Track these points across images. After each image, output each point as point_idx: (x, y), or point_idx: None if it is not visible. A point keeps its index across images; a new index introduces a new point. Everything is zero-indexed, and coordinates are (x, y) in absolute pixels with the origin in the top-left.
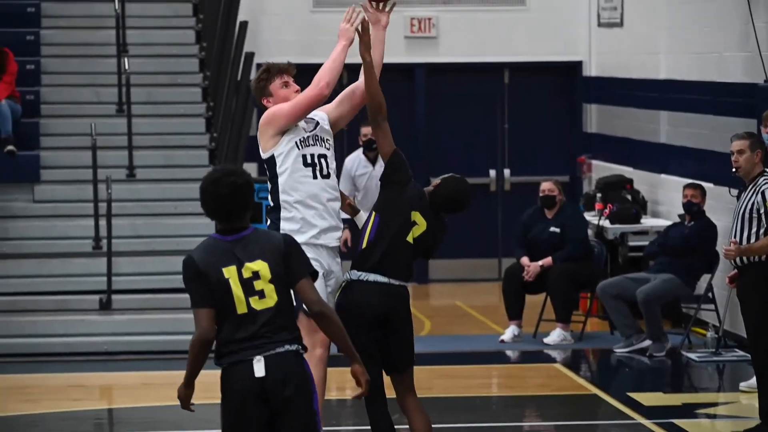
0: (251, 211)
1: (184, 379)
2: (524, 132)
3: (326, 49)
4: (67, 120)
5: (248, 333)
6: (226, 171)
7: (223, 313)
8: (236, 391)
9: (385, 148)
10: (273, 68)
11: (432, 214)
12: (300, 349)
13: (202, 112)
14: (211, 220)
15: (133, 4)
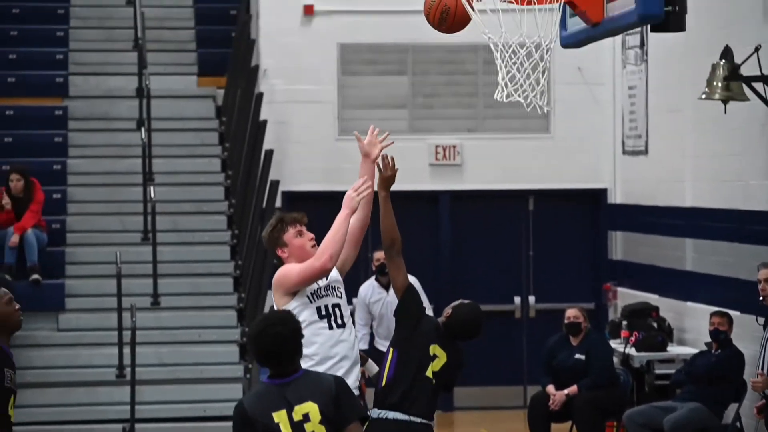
0: (301, 354)
1: None
2: (549, 259)
3: (351, 176)
4: (93, 248)
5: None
6: (270, 321)
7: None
8: None
9: (399, 283)
10: (286, 218)
11: (450, 343)
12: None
13: (227, 240)
14: (261, 366)
15: (159, 133)
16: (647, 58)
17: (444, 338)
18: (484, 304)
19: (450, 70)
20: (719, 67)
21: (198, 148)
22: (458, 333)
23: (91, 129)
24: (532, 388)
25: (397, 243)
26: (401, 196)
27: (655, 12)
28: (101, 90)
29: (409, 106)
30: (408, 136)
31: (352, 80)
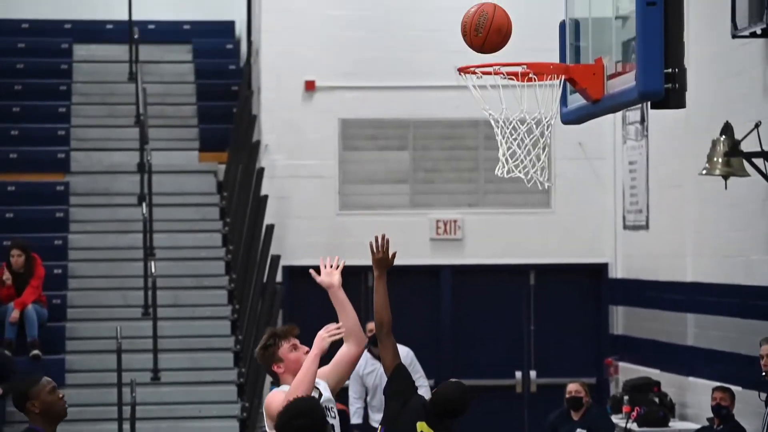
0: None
1: None
2: (550, 333)
3: (353, 251)
4: (94, 323)
5: None
6: (294, 412)
7: None
8: None
9: (388, 362)
10: (279, 333)
11: (439, 421)
12: None
13: (227, 315)
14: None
15: (161, 208)
16: (648, 133)
17: (432, 416)
18: (486, 379)
19: (451, 145)
20: (720, 143)
21: (199, 223)
22: (444, 411)
23: (92, 204)
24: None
25: (386, 324)
26: (402, 270)
27: (655, 89)
28: (103, 165)
29: (410, 181)
30: (409, 210)
31: (353, 155)
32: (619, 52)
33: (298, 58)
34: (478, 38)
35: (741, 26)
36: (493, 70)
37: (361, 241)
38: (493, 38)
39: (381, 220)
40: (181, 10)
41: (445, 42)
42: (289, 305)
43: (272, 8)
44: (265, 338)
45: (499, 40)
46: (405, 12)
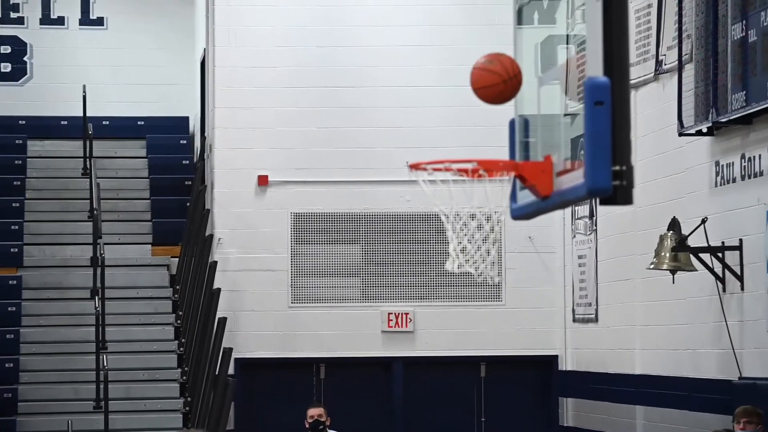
0: None
1: None
2: (501, 425)
3: (304, 343)
4: (45, 417)
5: None
6: None
7: None
8: None
9: None
10: None
11: None
12: None
13: (179, 408)
14: None
15: (113, 301)
16: (596, 228)
17: None
18: None
19: (402, 238)
20: (667, 238)
21: (151, 316)
22: None
23: (45, 298)
24: None
25: None
26: (354, 362)
27: (603, 186)
28: (56, 259)
29: (361, 274)
30: (360, 303)
31: (305, 248)
32: (567, 149)
33: (251, 153)
34: (487, 75)
35: (687, 124)
36: (443, 167)
37: (313, 334)
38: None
39: (333, 312)
40: (135, 106)
41: (396, 138)
42: (241, 398)
43: (225, 105)
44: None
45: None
46: (357, 108)
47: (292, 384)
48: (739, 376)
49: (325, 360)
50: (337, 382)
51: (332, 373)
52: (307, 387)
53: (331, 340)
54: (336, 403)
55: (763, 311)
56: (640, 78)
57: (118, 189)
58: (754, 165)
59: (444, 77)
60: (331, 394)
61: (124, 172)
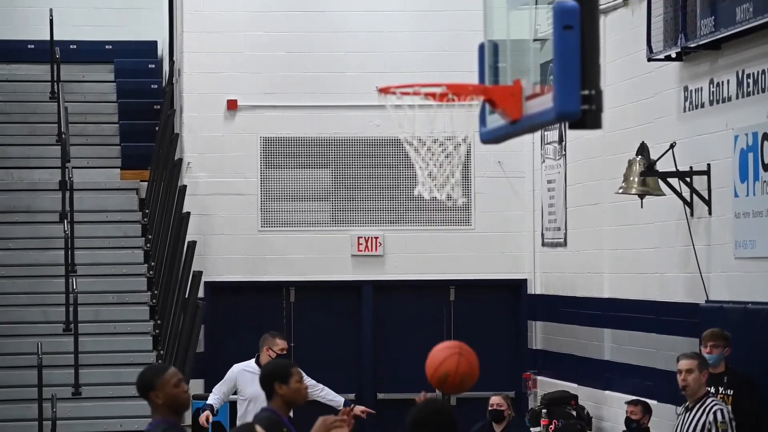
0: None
1: None
2: (472, 348)
3: (273, 267)
4: (15, 339)
5: None
6: (427, 411)
7: None
8: None
9: None
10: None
11: None
12: None
13: (149, 330)
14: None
15: (82, 225)
16: (566, 153)
17: None
18: (406, 393)
19: (371, 162)
20: (635, 163)
21: (121, 240)
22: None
23: (14, 222)
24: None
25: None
26: (324, 286)
27: (572, 110)
28: (24, 183)
29: (331, 198)
30: (330, 227)
31: (275, 173)
32: (537, 73)
33: (220, 77)
34: (444, 388)
35: (656, 49)
36: (412, 91)
37: (283, 257)
38: (454, 389)
39: (303, 236)
40: (102, 30)
41: (365, 63)
42: (210, 321)
43: (194, 29)
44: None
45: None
46: (327, 33)
47: (262, 307)
48: (706, 300)
49: (294, 283)
50: (307, 305)
51: (302, 297)
52: (277, 310)
53: (301, 264)
54: (305, 326)
55: (730, 235)
56: (610, 3)
57: (86, 113)
58: (722, 90)
59: (414, 2)
60: (300, 318)
61: (92, 96)
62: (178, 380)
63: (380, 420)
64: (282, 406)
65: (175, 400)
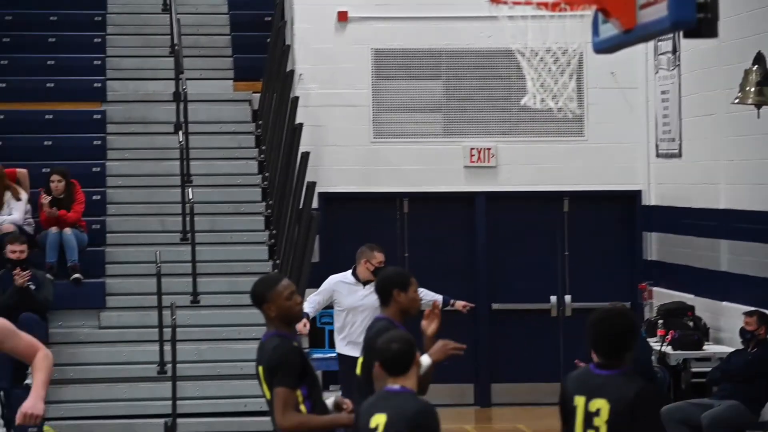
0: (629, 351)
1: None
2: (585, 259)
3: (386, 178)
4: (133, 248)
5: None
6: (612, 313)
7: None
8: None
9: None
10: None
11: None
12: None
13: (264, 240)
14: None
15: (197, 136)
16: (680, 63)
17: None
18: (521, 303)
19: (483, 74)
20: (752, 73)
21: (235, 151)
22: None
23: (129, 132)
24: None
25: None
26: (437, 197)
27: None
28: (139, 95)
29: (443, 110)
30: (443, 138)
31: (386, 84)
32: None
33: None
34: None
35: None
36: (524, 0)
37: (395, 169)
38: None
39: (415, 147)
40: None
41: None
42: (324, 231)
43: None
44: None
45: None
46: None
47: (375, 218)
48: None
49: (408, 194)
50: (420, 216)
51: (415, 208)
52: (390, 221)
53: (414, 175)
54: (419, 237)
55: None
56: None
57: (199, 25)
58: None
59: None
60: (414, 229)
61: (203, 8)
62: (290, 293)
63: (495, 330)
64: (397, 315)
65: (288, 312)
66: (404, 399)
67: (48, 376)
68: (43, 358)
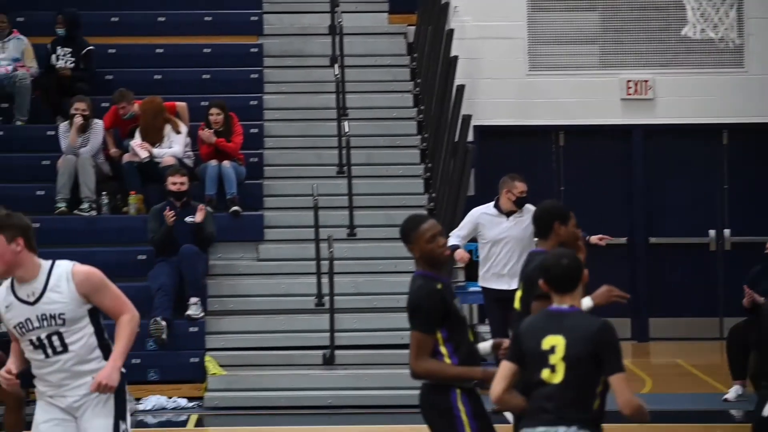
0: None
1: None
2: (745, 192)
3: (542, 111)
4: (290, 181)
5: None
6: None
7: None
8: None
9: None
10: None
11: None
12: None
13: (420, 173)
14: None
15: (352, 69)
16: None
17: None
18: (678, 237)
19: (641, 4)
20: None
21: (390, 84)
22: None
23: (285, 66)
24: (728, 320)
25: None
26: (593, 130)
27: None
28: (295, 28)
29: (599, 41)
30: (599, 71)
31: (542, 16)
32: None
33: None
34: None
35: None
36: None
37: (551, 101)
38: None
39: (571, 80)
40: None
41: None
42: (480, 164)
43: None
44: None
45: None
46: None
47: (531, 151)
48: None
49: (563, 127)
50: (576, 149)
51: (571, 141)
52: (545, 154)
53: (570, 108)
54: (575, 170)
55: None
56: None
57: None
58: None
59: None
60: (570, 162)
61: None
62: (431, 235)
63: (652, 264)
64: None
65: (429, 255)
66: (579, 318)
67: (128, 344)
68: (127, 323)
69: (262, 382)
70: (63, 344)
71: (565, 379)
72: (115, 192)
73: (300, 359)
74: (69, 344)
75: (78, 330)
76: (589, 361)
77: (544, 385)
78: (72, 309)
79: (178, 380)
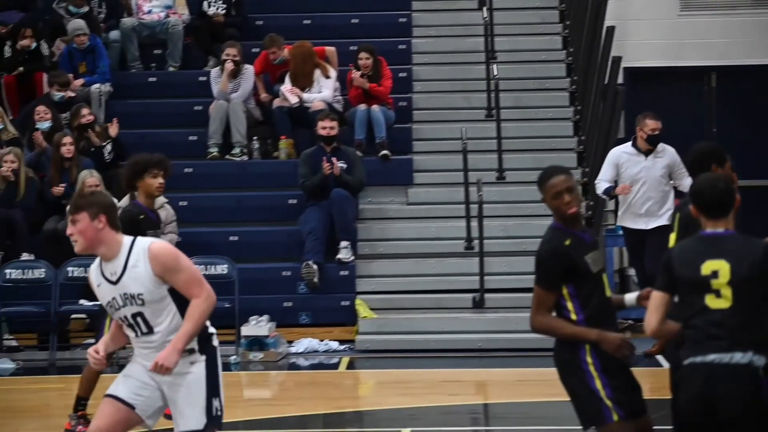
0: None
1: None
2: None
3: (693, 52)
4: (439, 125)
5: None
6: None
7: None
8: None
9: None
10: None
11: None
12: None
13: (569, 116)
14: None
15: (501, 12)
16: None
17: None
18: None
19: None
20: None
21: (539, 26)
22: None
23: (433, 9)
24: None
25: None
26: (747, 70)
27: None
28: None
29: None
30: (752, 10)
31: None
32: None
33: None
34: None
35: None
36: None
37: (703, 42)
38: None
39: (724, 20)
40: None
41: None
42: (630, 107)
43: None
44: None
45: None
46: None
47: (682, 93)
48: None
49: (715, 68)
50: (729, 90)
51: (723, 82)
52: (697, 96)
53: (723, 48)
54: (728, 112)
55: None
56: None
57: None
58: None
59: None
60: (722, 103)
61: None
62: (556, 192)
63: None
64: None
65: (556, 210)
66: (740, 241)
67: (195, 327)
68: (198, 305)
69: (413, 325)
70: (148, 326)
71: (734, 304)
72: (266, 137)
73: (450, 302)
74: (154, 326)
75: (160, 311)
76: (757, 284)
77: (709, 311)
78: (150, 290)
79: (329, 323)
